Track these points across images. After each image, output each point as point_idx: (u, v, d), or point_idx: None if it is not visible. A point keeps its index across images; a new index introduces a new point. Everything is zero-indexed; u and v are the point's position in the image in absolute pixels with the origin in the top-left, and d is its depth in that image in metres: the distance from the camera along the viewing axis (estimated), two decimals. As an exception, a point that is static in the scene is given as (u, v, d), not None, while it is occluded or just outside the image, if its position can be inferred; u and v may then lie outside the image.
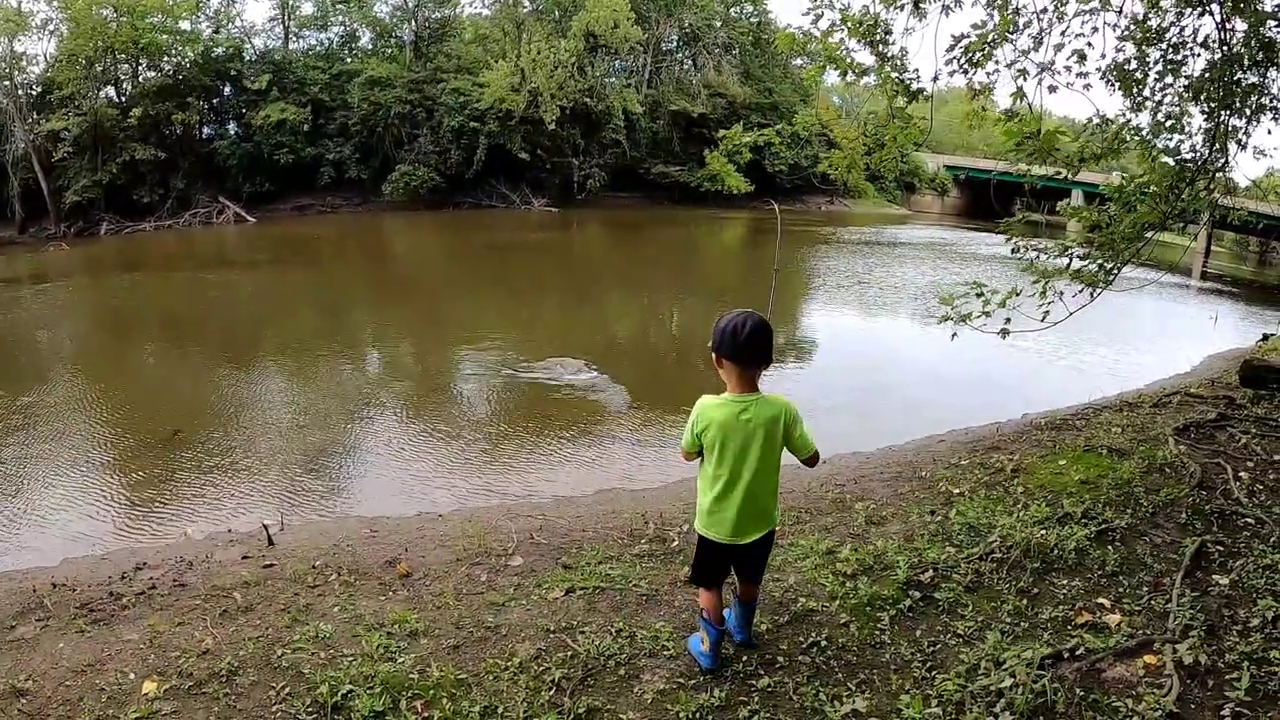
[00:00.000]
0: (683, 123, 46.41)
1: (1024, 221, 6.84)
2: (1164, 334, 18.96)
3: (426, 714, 3.63)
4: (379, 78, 38.96)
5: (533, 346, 13.99)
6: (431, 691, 3.77)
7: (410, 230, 34.77)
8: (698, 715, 3.64)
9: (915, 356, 14.96)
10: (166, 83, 37.06)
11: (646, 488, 7.97)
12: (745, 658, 4.08)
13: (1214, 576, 5.12)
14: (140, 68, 37.79)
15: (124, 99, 36.72)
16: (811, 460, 3.78)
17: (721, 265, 30.18)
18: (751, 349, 3.54)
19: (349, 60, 42.12)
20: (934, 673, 3.99)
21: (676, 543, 5.71)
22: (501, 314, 17.67)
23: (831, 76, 7.08)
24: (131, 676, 3.93)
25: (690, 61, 50.50)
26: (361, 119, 38.70)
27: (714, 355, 3.64)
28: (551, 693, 3.78)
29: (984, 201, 52.77)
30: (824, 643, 4.22)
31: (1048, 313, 6.34)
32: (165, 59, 37.63)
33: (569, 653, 4.09)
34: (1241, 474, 6.89)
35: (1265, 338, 16.89)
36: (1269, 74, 7.10)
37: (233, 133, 39.52)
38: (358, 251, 29.63)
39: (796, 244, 33.83)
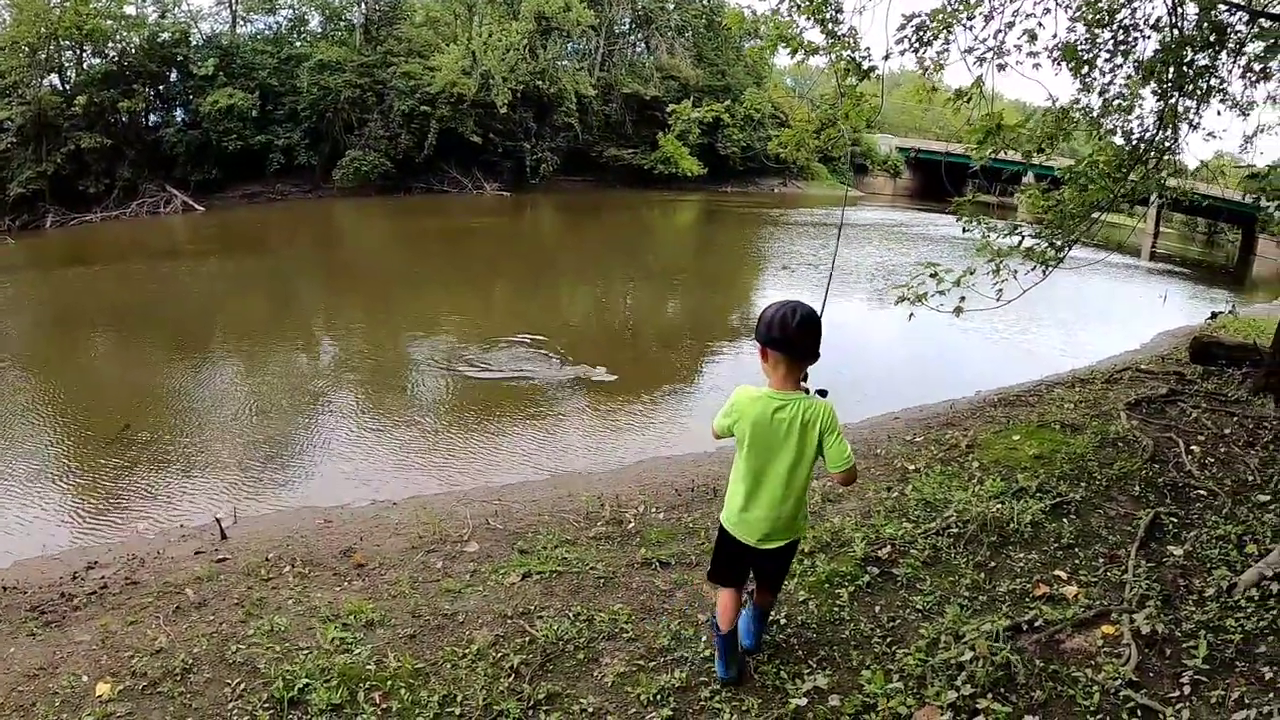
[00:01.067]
0: (635, 105, 46.13)
1: (974, 201, 6.87)
2: (1114, 312, 19.22)
3: (385, 705, 3.57)
4: (328, 62, 38.13)
5: (487, 332, 13.83)
6: (389, 682, 3.71)
7: (361, 216, 34.22)
8: (659, 697, 3.61)
9: (867, 337, 14.96)
10: (111, 69, 35.99)
11: (601, 471, 7.90)
12: (705, 637, 4.05)
13: (1168, 547, 5.20)
14: (85, 54, 36.77)
15: (68, 87, 35.67)
16: (847, 477, 3.48)
17: (676, 248, 30.07)
18: (801, 339, 3.26)
19: (298, 44, 41.06)
20: (894, 648, 4.00)
21: (632, 525, 5.66)
22: (455, 300, 17.41)
23: (783, 59, 7.04)
24: (85, 679, 3.82)
25: (643, 44, 50.28)
26: (311, 104, 37.86)
27: (759, 346, 3.39)
28: (511, 679, 3.73)
29: (935, 183, 53.51)
30: (783, 620, 4.21)
31: (1001, 291, 6.38)
32: (110, 45, 36.54)
33: (527, 638, 4.04)
34: (1193, 447, 7.01)
35: (1213, 315, 17.14)
36: (1220, 57, 7.18)
37: (180, 120, 38.35)
38: (308, 239, 29.09)
39: (748, 225, 33.94)
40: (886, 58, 6.65)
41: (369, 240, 29.72)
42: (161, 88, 38.65)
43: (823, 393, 3.45)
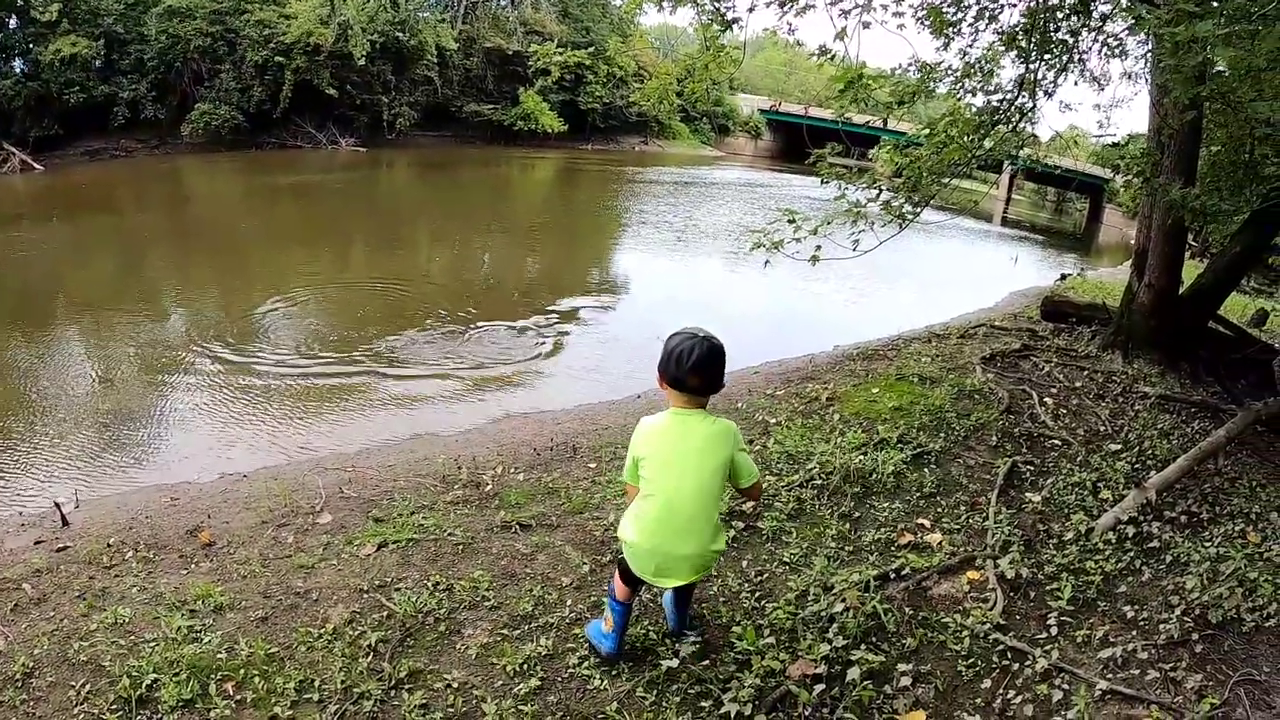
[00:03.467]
0: (497, 60, 45.16)
1: (833, 161, 6.86)
2: (967, 272, 19.87)
3: (239, 696, 3.29)
4: (178, 8, 35.56)
5: (339, 291, 13.39)
6: (242, 671, 3.41)
7: (211, 174, 32.31)
8: (525, 668, 3.45)
9: (723, 294, 15.05)
10: (-54, 14, 33.13)
11: (458, 431, 7.65)
12: (569, 600, 3.92)
13: (1027, 494, 5.35)
14: (-84, -3, 33.60)
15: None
16: (756, 489, 3.35)
17: (534, 205, 29.67)
18: (699, 378, 3.10)
19: (147, -13, 38.67)
20: (764, 602, 3.95)
21: (490, 487, 5.45)
22: (308, 259, 16.61)
23: (651, 18, 6.88)
24: (-81, 692, 3.40)
25: (508, -3, 49.36)
26: (158, 53, 35.40)
27: (659, 374, 3.20)
28: (370, 658, 3.49)
29: (796, 145, 54.87)
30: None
31: (857, 242, 6.38)
32: (-54, -13, 33.55)
33: (385, 613, 3.81)
34: (1046, 399, 7.26)
35: (1063, 277, 18.19)
36: (1081, 33, 7.37)
37: (18, 70, 35.57)
38: (156, 199, 27.22)
39: (606, 184, 33.85)
40: (752, 10, 6.57)
41: (220, 199, 28.06)
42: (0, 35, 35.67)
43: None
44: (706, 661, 3.49)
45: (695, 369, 3.07)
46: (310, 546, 4.62)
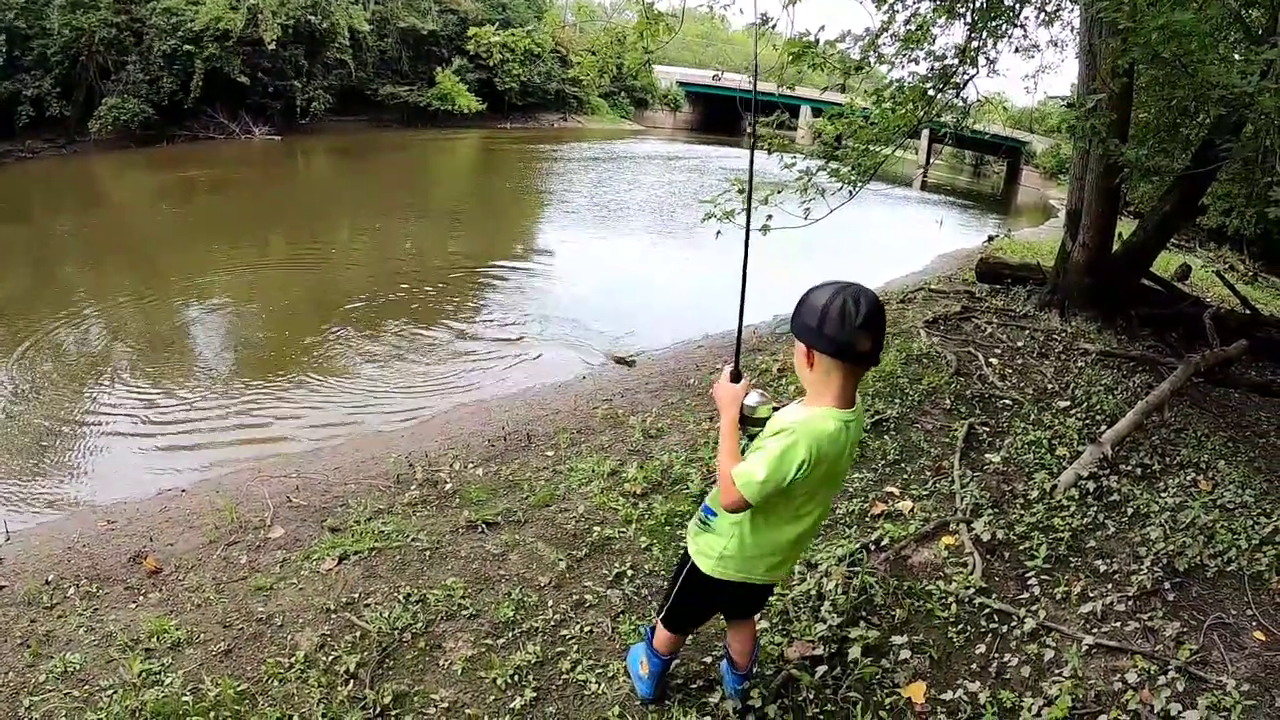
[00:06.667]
0: (412, 40, 44.23)
1: (768, 130, 6.80)
2: (894, 238, 20.13)
3: (212, 742, 3.03)
4: None
5: (262, 287, 12.95)
6: (212, 714, 3.16)
7: (122, 171, 30.66)
8: (516, 677, 3.28)
9: (653, 270, 14.91)
10: None
11: (402, 426, 7.40)
12: (551, 601, 3.79)
13: (987, 456, 5.40)
14: None
15: None
16: None
17: (454, 187, 29.26)
18: (872, 338, 2.26)
19: (47, -21, 36.84)
20: (749, 585, 3.87)
21: (449, 484, 5.24)
22: (229, 257, 15.82)
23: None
24: None
25: (422, -25, 48.39)
26: (62, 47, 33.74)
27: (803, 347, 2.37)
28: (349, 686, 3.27)
29: (715, 116, 56.29)
30: (629, 571, 4.01)
31: (809, 211, 6.35)
32: None
33: (358, 633, 3.59)
34: (992, 360, 7.35)
35: (991, 239, 18.53)
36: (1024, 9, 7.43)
37: (-84, 74, 33.68)
38: (66, 201, 25.47)
39: (528, 161, 33.52)
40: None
41: (132, 198, 26.80)
42: (-104, 39, 33.70)
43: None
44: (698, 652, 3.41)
45: (868, 324, 2.23)
46: (266, 565, 4.37)
